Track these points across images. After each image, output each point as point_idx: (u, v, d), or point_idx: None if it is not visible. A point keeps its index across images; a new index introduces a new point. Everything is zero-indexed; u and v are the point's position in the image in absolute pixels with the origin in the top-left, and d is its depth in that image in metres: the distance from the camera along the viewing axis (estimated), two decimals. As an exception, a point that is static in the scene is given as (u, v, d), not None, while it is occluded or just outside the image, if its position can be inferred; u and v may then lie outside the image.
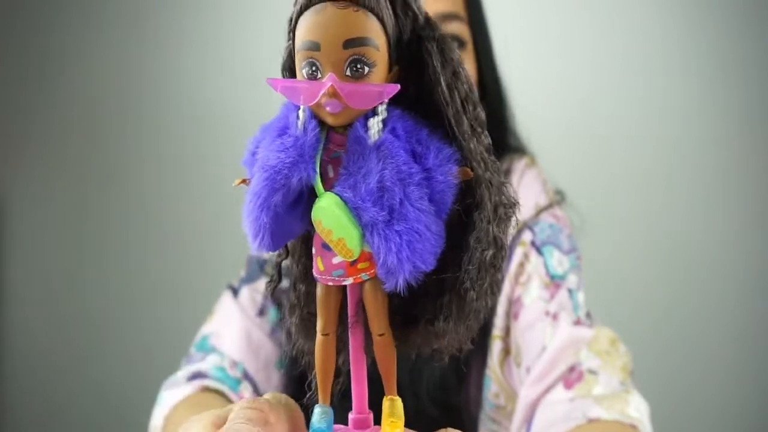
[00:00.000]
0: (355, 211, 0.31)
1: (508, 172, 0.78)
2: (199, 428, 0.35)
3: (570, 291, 0.70)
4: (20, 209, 1.49)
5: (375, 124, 0.32)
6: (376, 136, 0.32)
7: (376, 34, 0.31)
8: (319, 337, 0.35)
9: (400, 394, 0.34)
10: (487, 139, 0.33)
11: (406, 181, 0.31)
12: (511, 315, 0.70)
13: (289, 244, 0.36)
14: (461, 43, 0.76)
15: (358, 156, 0.32)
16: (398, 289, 0.31)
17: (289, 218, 0.33)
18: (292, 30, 0.33)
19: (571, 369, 0.66)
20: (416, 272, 0.31)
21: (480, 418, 0.70)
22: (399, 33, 0.32)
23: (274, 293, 0.38)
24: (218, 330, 0.70)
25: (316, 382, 0.36)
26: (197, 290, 0.95)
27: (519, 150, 0.82)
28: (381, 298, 0.33)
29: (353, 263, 0.33)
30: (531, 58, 1.27)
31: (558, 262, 0.71)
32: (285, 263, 0.38)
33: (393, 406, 0.35)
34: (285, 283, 0.38)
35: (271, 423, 0.33)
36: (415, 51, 0.33)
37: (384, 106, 0.32)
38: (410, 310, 0.34)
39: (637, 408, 0.64)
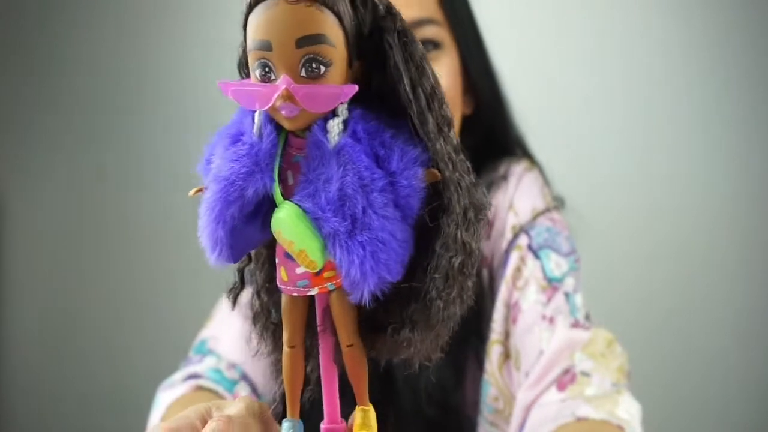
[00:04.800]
0: (315, 221, 0.29)
1: (505, 176, 0.77)
2: None
3: (567, 294, 0.70)
4: (20, 209, 1.49)
5: (335, 126, 0.29)
6: (336, 139, 0.29)
7: (331, 30, 0.29)
8: (285, 349, 0.33)
9: (397, 393, 0.33)
10: (455, 138, 0.31)
11: (368, 188, 0.29)
12: (510, 319, 0.69)
13: (252, 251, 0.34)
14: (436, 45, 0.74)
15: (317, 162, 0.29)
16: (363, 301, 0.30)
17: (248, 229, 0.31)
18: (244, 26, 0.30)
19: (566, 372, 0.66)
20: (382, 283, 0.29)
21: (479, 421, 0.69)
22: (358, 26, 0.30)
23: (237, 300, 0.37)
24: (216, 333, 0.69)
25: (282, 393, 0.34)
26: (197, 290, 0.94)
27: (518, 153, 0.80)
28: (348, 307, 0.32)
29: (318, 273, 0.31)
30: (527, 61, 1.26)
31: (555, 265, 0.71)
32: (248, 269, 0.36)
33: (365, 416, 0.33)
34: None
35: None
36: (376, 43, 0.30)
37: (344, 106, 0.30)
38: (377, 317, 0.32)
39: (627, 409, 0.63)
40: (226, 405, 0.34)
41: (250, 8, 0.29)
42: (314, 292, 0.32)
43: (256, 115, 0.30)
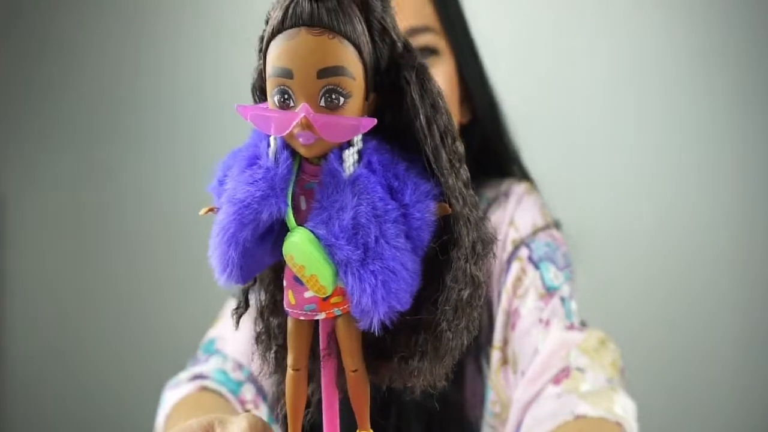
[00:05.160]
0: (328, 248, 0.30)
1: (507, 194, 0.79)
2: None
3: (563, 299, 0.73)
4: (20, 209, 1.49)
5: (350, 156, 0.30)
6: (351, 169, 0.30)
7: (352, 63, 0.29)
8: (289, 372, 0.33)
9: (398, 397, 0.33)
10: (465, 174, 0.31)
11: (381, 218, 0.29)
12: (509, 326, 0.71)
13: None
14: (433, 52, 0.77)
15: (332, 189, 0.30)
16: (373, 329, 0.30)
17: (258, 251, 0.31)
18: (264, 51, 0.30)
19: (562, 370, 0.67)
20: (391, 312, 0.30)
21: (482, 425, 0.72)
22: (376, 60, 0.30)
23: (241, 317, 0.37)
24: (224, 334, 0.69)
25: (285, 414, 0.34)
26: (198, 288, 0.93)
27: (515, 167, 0.83)
28: (355, 333, 0.32)
29: (326, 298, 0.31)
30: (526, 62, 1.27)
31: (554, 275, 0.73)
32: (252, 290, 0.36)
33: None
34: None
35: None
36: (393, 78, 0.31)
37: (359, 137, 0.30)
38: (383, 344, 0.33)
39: (623, 407, 0.65)
40: (229, 421, 0.34)
41: (272, 36, 0.29)
42: (322, 316, 0.32)
43: (272, 140, 0.31)
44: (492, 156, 0.85)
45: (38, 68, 1.47)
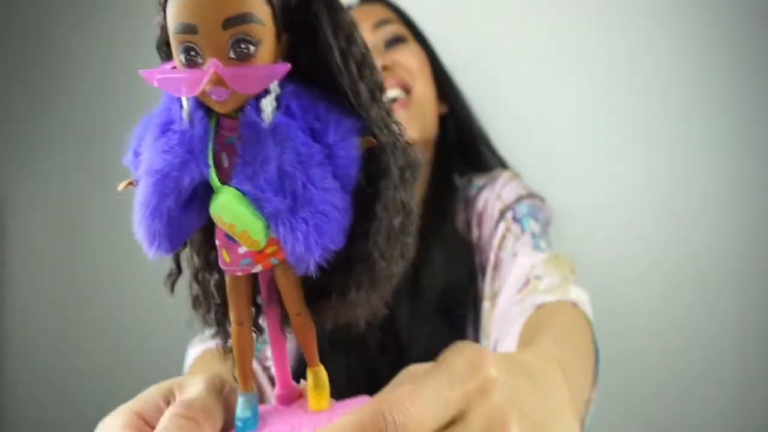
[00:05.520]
0: (256, 203, 0.29)
1: (494, 178, 0.93)
2: (115, 428, 0.33)
3: (533, 234, 0.84)
4: (20, 209, 1.49)
5: (268, 105, 0.29)
6: (270, 117, 0.29)
7: (258, 8, 0.28)
8: (234, 327, 0.33)
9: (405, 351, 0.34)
10: (388, 103, 0.31)
11: (306, 163, 0.29)
12: (496, 279, 0.82)
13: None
14: (401, 39, 0.94)
15: (253, 142, 0.29)
16: (310, 273, 0.30)
17: (185, 218, 0.31)
18: (163, 5, 0.29)
19: (524, 283, 0.76)
20: (326, 253, 0.30)
21: None
22: None
23: (175, 283, 0.36)
24: None
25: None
26: None
27: (491, 159, 1.00)
28: (293, 279, 0.32)
29: (260, 251, 0.31)
30: (525, 63, 1.27)
31: (532, 227, 0.85)
32: (184, 254, 0.36)
33: (317, 377, 0.34)
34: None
35: (203, 429, 0.32)
36: (304, 14, 0.30)
37: (276, 84, 0.29)
38: (321, 284, 0.33)
39: (577, 293, 0.72)
40: (187, 384, 0.34)
41: None
42: (258, 269, 0.32)
43: (184, 101, 0.29)
44: (468, 143, 1.00)
45: (38, 68, 1.46)
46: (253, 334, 0.35)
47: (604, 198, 1.26)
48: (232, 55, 0.28)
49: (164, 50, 0.31)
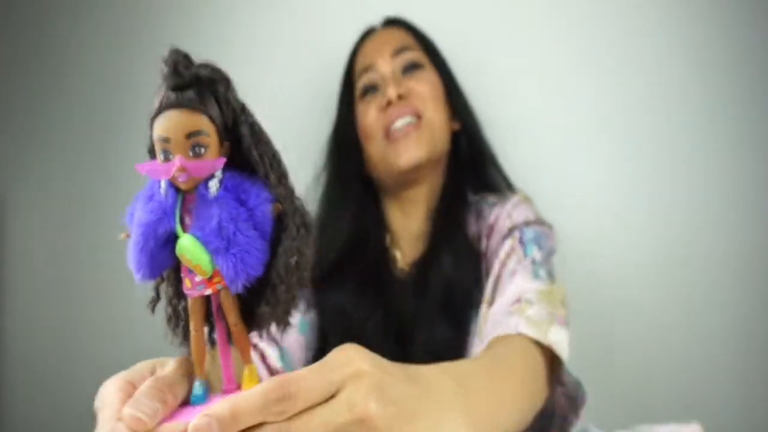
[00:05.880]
0: (204, 244, 0.47)
1: (505, 198, 1.04)
2: (113, 389, 0.49)
3: (534, 261, 0.92)
4: (20, 209, 1.48)
5: (213, 184, 0.47)
6: (215, 192, 0.47)
7: (207, 127, 0.46)
8: (192, 333, 0.50)
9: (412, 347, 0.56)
10: (290, 184, 0.49)
11: (236, 219, 0.47)
12: (496, 290, 0.92)
13: (164, 272, 0.51)
14: (418, 66, 1.09)
15: (204, 207, 0.47)
16: (239, 291, 0.47)
17: (161, 255, 0.48)
18: (150, 126, 0.48)
19: (516, 300, 0.86)
20: (250, 278, 0.46)
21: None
22: (224, 121, 0.47)
23: (155, 306, 0.53)
24: None
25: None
26: None
27: (492, 170, 1.12)
28: (231, 299, 0.49)
29: (210, 279, 0.48)
30: (527, 64, 1.31)
31: (534, 252, 0.93)
32: (161, 286, 0.53)
33: (251, 372, 0.50)
34: None
35: (168, 401, 0.46)
36: (236, 131, 0.48)
37: (218, 171, 0.48)
38: (250, 303, 0.50)
39: (555, 335, 0.82)
40: (165, 364, 0.50)
41: (156, 115, 0.47)
42: (209, 292, 0.49)
43: (162, 182, 0.48)
44: (477, 159, 1.13)
45: (38, 68, 1.46)
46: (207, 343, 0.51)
47: (604, 198, 1.28)
48: (191, 154, 0.47)
49: (151, 153, 0.50)
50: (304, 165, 1.13)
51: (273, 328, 0.50)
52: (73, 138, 1.46)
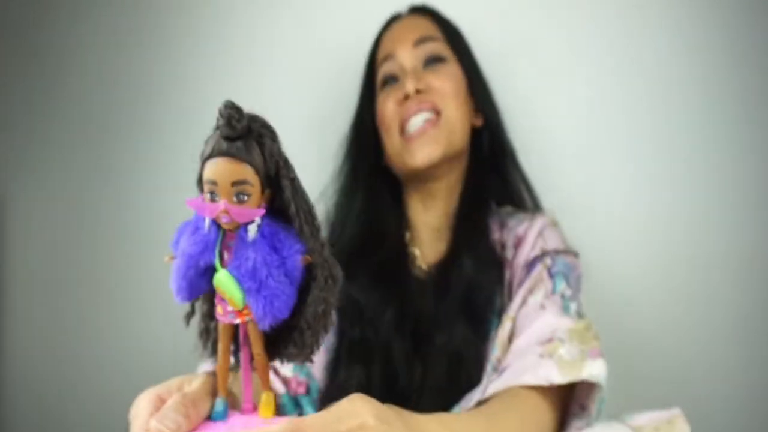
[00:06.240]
0: (238, 281, 0.51)
1: (534, 215, 1.02)
2: (145, 402, 0.53)
3: (563, 296, 0.92)
4: (20, 209, 1.47)
5: (252, 229, 0.51)
6: (253, 236, 0.51)
7: (251, 176, 0.50)
8: (219, 355, 0.55)
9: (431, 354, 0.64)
10: (322, 237, 0.52)
11: (269, 265, 0.50)
12: (521, 308, 0.92)
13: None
14: (441, 59, 1.04)
15: (241, 247, 0.51)
16: (265, 329, 0.51)
17: (199, 282, 0.53)
18: (202, 166, 0.51)
19: (548, 339, 0.85)
20: (277, 320, 0.50)
21: (483, 376, 0.91)
22: (267, 172, 0.51)
23: (189, 321, 0.58)
24: None
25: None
26: None
27: (517, 178, 1.10)
28: (258, 332, 0.53)
29: (240, 310, 0.53)
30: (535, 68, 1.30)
31: (563, 288, 0.92)
32: (197, 303, 0.57)
33: (268, 398, 0.55)
34: None
35: (191, 416, 0.51)
36: (278, 182, 0.51)
37: (258, 217, 0.51)
38: (275, 337, 0.54)
39: (590, 370, 0.82)
40: (191, 381, 0.55)
41: (206, 160, 0.50)
42: (238, 321, 0.53)
43: (207, 219, 0.52)
44: (498, 158, 1.10)
45: (37, 68, 1.45)
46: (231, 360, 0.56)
47: (604, 198, 1.27)
48: (235, 199, 0.50)
49: (200, 185, 0.53)
50: (304, 165, 1.15)
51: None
52: (73, 138, 1.45)
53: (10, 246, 1.47)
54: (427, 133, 1.00)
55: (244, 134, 0.49)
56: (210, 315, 0.57)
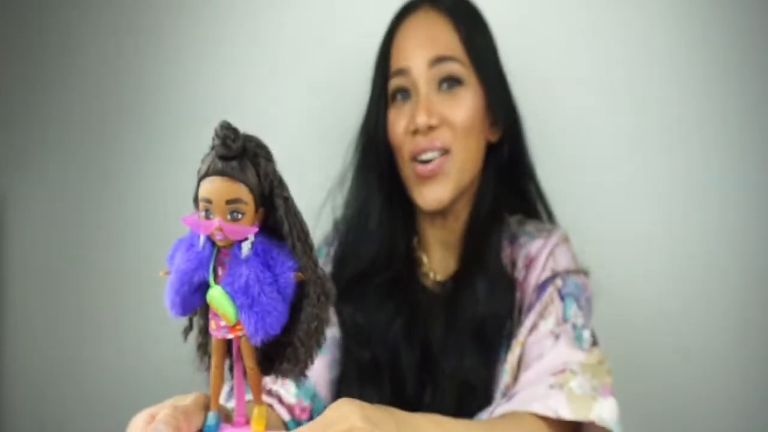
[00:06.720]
0: (231, 297, 0.51)
1: (548, 233, 1.00)
2: (139, 422, 0.54)
3: (575, 325, 0.90)
4: (20, 208, 1.47)
5: (245, 246, 0.51)
6: (246, 253, 0.51)
7: (245, 195, 0.50)
8: (212, 369, 0.55)
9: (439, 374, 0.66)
10: (315, 255, 0.53)
11: (262, 282, 0.51)
12: (530, 333, 0.90)
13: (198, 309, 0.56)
14: (458, 81, 0.97)
15: (235, 264, 0.51)
16: (257, 344, 0.51)
17: (193, 297, 0.53)
18: (197, 185, 0.52)
19: (561, 370, 0.85)
20: (268, 336, 0.51)
21: (493, 400, 0.92)
22: (261, 191, 0.51)
23: (187, 336, 0.58)
24: None
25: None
26: None
27: (531, 187, 1.06)
28: (250, 347, 0.54)
29: (233, 326, 0.53)
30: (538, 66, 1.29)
31: (574, 313, 0.91)
32: (195, 318, 0.58)
33: (260, 411, 0.56)
34: None
35: (182, 428, 0.52)
36: (271, 200, 0.52)
37: (251, 235, 0.52)
38: (267, 352, 0.55)
39: (599, 412, 0.81)
40: (185, 398, 0.55)
41: (201, 179, 0.51)
42: (231, 336, 0.54)
43: (201, 236, 0.52)
44: (515, 172, 1.06)
45: (38, 68, 1.45)
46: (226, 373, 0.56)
47: (604, 198, 1.28)
48: (229, 217, 0.50)
49: (195, 203, 0.53)
50: (303, 164, 1.10)
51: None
52: (73, 138, 1.45)
53: (10, 245, 1.47)
54: (435, 176, 0.97)
55: (239, 154, 0.50)
56: (207, 330, 0.57)
